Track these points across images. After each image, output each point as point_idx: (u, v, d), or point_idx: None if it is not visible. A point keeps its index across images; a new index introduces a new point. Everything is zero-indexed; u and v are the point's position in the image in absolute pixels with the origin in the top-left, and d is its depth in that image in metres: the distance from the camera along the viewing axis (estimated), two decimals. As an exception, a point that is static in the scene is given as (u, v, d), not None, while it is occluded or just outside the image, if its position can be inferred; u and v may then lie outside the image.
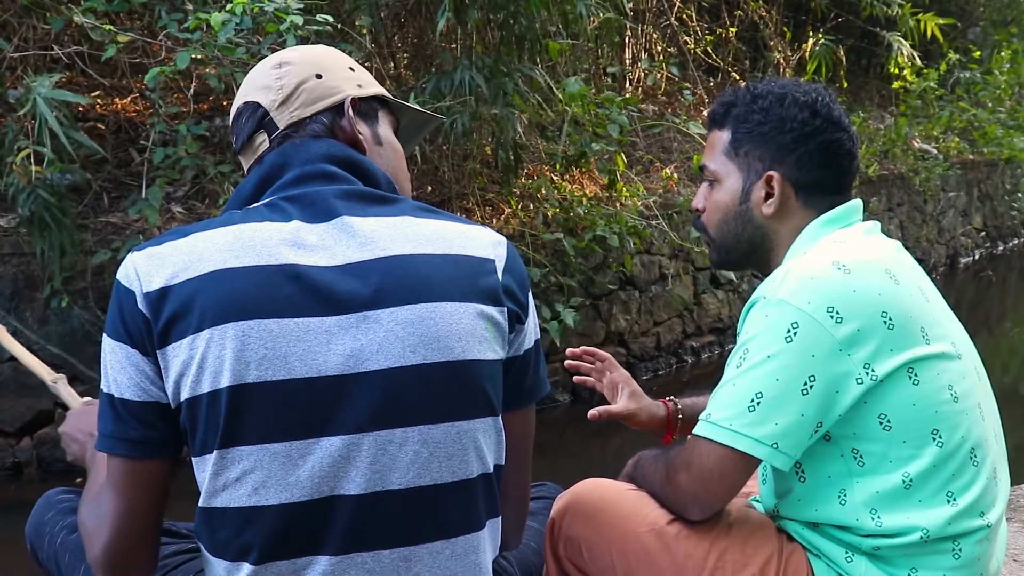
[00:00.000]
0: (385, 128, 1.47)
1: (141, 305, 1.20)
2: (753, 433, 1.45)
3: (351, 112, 1.40)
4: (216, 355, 1.17)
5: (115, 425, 1.24)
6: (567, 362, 2.08)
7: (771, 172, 1.63)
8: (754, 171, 1.65)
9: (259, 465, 1.18)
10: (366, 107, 1.45)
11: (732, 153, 1.67)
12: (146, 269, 1.21)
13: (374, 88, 1.47)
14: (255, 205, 1.31)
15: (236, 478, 1.19)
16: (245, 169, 1.43)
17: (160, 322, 1.19)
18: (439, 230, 1.31)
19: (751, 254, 1.70)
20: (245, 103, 1.42)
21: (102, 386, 1.25)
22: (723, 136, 1.69)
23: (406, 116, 1.57)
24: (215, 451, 1.19)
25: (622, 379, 1.99)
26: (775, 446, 1.45)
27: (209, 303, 1.18)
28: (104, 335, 1.25)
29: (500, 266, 1.32)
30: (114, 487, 1.26)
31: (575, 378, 2.03)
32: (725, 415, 1.47)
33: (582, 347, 2.08)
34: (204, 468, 1.21)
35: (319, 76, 1.40)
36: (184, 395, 1.19)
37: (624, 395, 1.95)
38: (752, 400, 1.45)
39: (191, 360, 1.18)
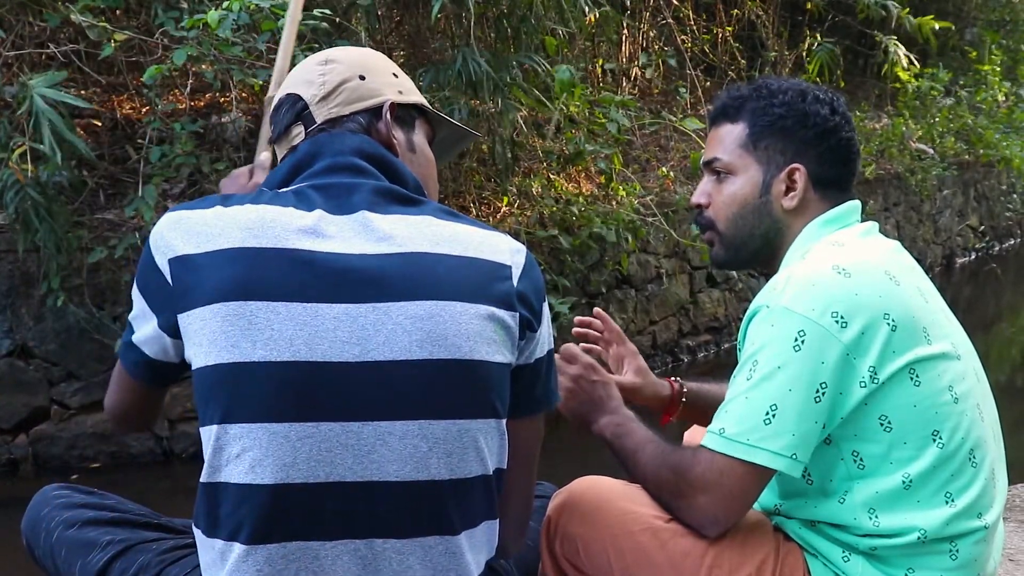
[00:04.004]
0: (420, 137, 1.49)
1: (163, 268, 1.25)
2: (771, 446, 1.44)
3: (389, 116, 1.41)
4: (221, 330, 1.19)
5: (126, 346, 1.36)
6: (575, 330, 2.00)
7: (796, 165, 1.63)
8: (775, 164, 1.65)
9: (257, 443, 1.19)
10: (404, 114, 1.46)
11: (750, 146, 1.66)
12: (171, 235, 1.26)
13: (414, 96, 1.49)
14: (284, 190, 1.33)
15: (236, 454, 1.20)
16: (279, 159, 1.45)
17: (179, 288, 1.24)
18: (458, 232, 1.32)
19: (761, 250, 1.68)
20: (287, 95, 1.44)
21: (130, 315, 1.36)
22: (737, 129, 1.68)
23: (443, 129, 1.58)
24: (216, 425, 1.21)
25: (629, 353, 1.96)
26: (794, 457, 1.45)
27: (223, 278, 1.21)
28: (135, 281, 1.34)
29: (517, 272, 1.33)
30: (118, 382, 1.43)
31: (581, 345, 1.93)
32: (741, 429, 1.46)
33: (596, 309, 2.03)
34: (208, 441, 1.23)
35: (362, 77, 1.42)
36: (194, 364, 1.23)
37: (630, 369, 1.93)
38: (767, 412, 1.44)
39: (201, 331, 1.21)
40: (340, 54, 1.46)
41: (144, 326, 1.31)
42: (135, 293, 1.33)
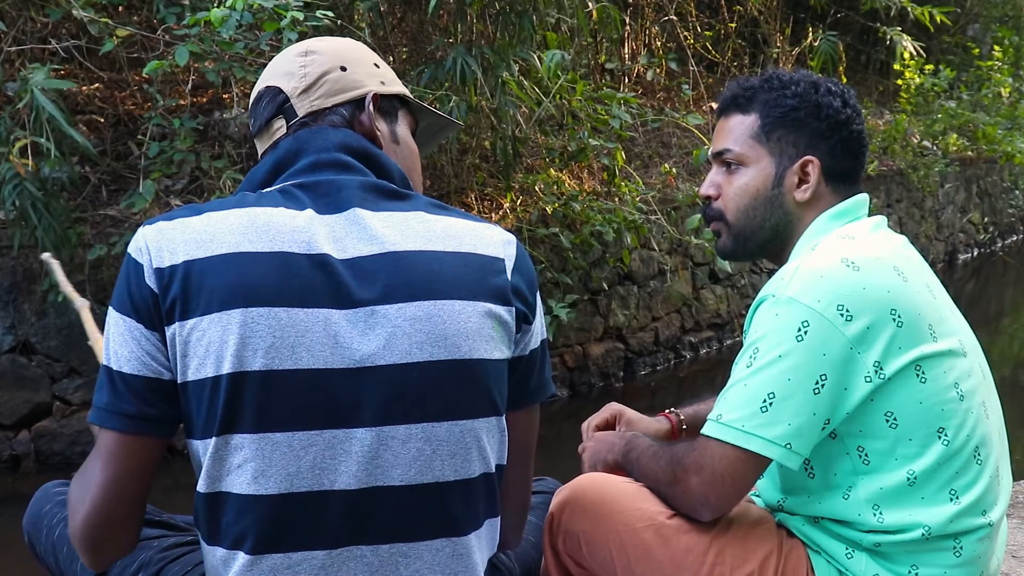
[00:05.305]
0: (403, 128, 1.46)
1: (149, 279, 1.20)
2: (766, 434, 1.44)
3: (372, 107, 1.39)
4: (221, 340, 1.16)
5: (111, 398, 1.21)
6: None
7: (809, 157, 1.63)
8: (787, 156, 1.64)
9: (260, 454, 1.18)
10: (387, 105, 1.44)
11: (762, 137, 1.65)
12: (157, 244, 1.21)
13: (396, 87, 1.46)
14: (268, 190, 1.31)
15: (238, 465, 1.19)
16: (259, 153, 1.42)
17: (168, 299, 1.18)
18: (449, 227, 1.30)
19: (771, 242, 1.67)
20: (267, 87, 1.41)
21: (103, 359, 1.24)
22: (748, 120, 1.66)
23: (425, 119, 1.56)
24: (215, 437, 1.18)
25: (611, 411, 1.94)
26: (788, 447, 1.44)
27: (219, 286, 1.17)
28: (110, 307, 1.24)
29: (509, 265, 1.32)
30: (102, 460, 1.23)
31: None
32: (737, 416, 1.46)
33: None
34: (204, 453, 1.20)
35: (344, 68, 1.40)
36: (185, 376, 1.19)
37: (623, 422, 1.92)
38: (764, 400, 1.44)
39: (196, 342, 1.17)
40: (320, 45, 1.43)
41: (130, 346, 1.21)
42: (112, 318, 1.23)
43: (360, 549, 1.23)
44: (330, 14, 4.31)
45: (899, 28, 8.76)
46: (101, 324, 1.26)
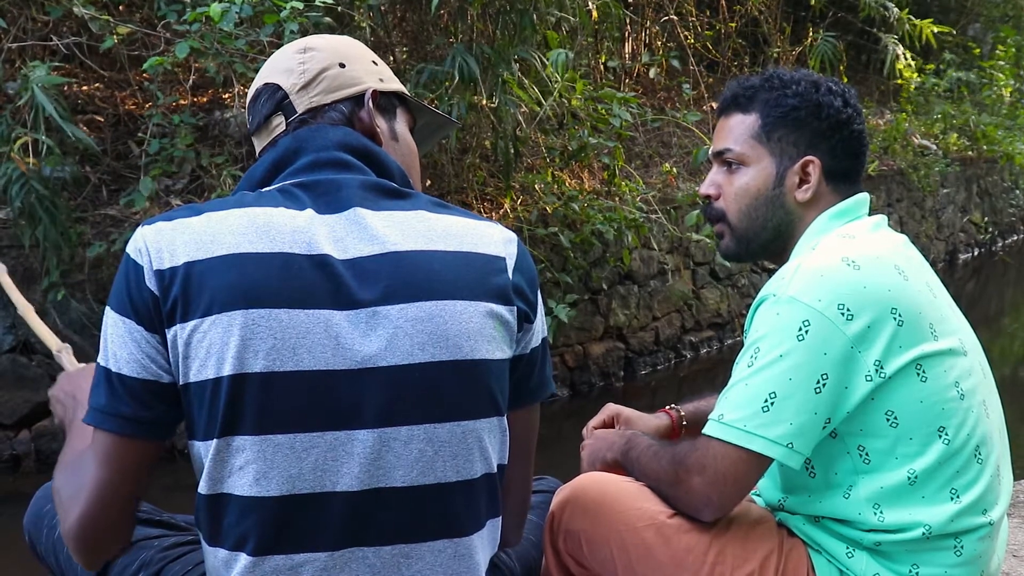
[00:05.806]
0: (402, 125, 1.46)
1: (149, 281, 1.19)
2: (768, 434, 1.44)
3: (371, 104, 1.38)
4: (222, 342, 1.16)
5: (108, 400, 1.21)
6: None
7: (810, 157, 1.63)
8: (788, 156, 1.64)
9: (262, 456, 1.18)
10: (385, 102, 1.43)
11: (763, 137, 1.65)
12: (156, 245, 1.20)
13: (395, 84, 1.46)
14: (268, 189, 1.30)
15: (239, 467, 1.18)
16: (258, 151, 1.41)
17: (168, 301, 1.18)
18: (450, 226, 1.30)
19: (772, 242, 1.67)
20: (265, 84, 1.40)
21: (99, 359, 1.23)
22: (749, 120, 1.66)
23: (423, 117, 1.56)
24: (216, 439, 1.18)
25: (609, 412, 1.94)
26: (790, 446, 1.44)
27: (219, 287, 1.17)
28: (107, 308, 1.23)
29: (511, 264, 1.31)
30: (97, 460, 1.22)
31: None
32: (739, 416, 1.46)
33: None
34: (205, 454, 1.20)
35: (342, 65, 1.39)
36: (187, 378, 1.18)
37: (621, 422, 1.92)
38: (766, 400, 1.44)
39: (197, 344, 1.17)
40: (319, 42, 1.42)
41: (129, 348, 1.20)
42: (111, 319, 1.22)
43: (362, 550, 1.22)
44: (329, 0, 4.30)
45: (895, 37, 8.76)
46: (98, 324, 1.25)
